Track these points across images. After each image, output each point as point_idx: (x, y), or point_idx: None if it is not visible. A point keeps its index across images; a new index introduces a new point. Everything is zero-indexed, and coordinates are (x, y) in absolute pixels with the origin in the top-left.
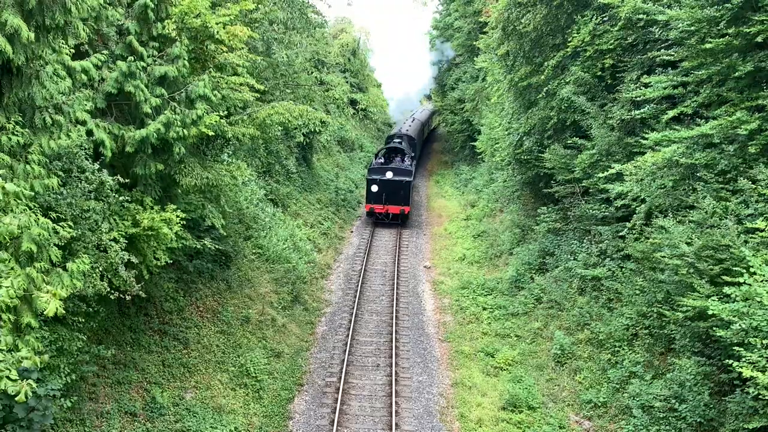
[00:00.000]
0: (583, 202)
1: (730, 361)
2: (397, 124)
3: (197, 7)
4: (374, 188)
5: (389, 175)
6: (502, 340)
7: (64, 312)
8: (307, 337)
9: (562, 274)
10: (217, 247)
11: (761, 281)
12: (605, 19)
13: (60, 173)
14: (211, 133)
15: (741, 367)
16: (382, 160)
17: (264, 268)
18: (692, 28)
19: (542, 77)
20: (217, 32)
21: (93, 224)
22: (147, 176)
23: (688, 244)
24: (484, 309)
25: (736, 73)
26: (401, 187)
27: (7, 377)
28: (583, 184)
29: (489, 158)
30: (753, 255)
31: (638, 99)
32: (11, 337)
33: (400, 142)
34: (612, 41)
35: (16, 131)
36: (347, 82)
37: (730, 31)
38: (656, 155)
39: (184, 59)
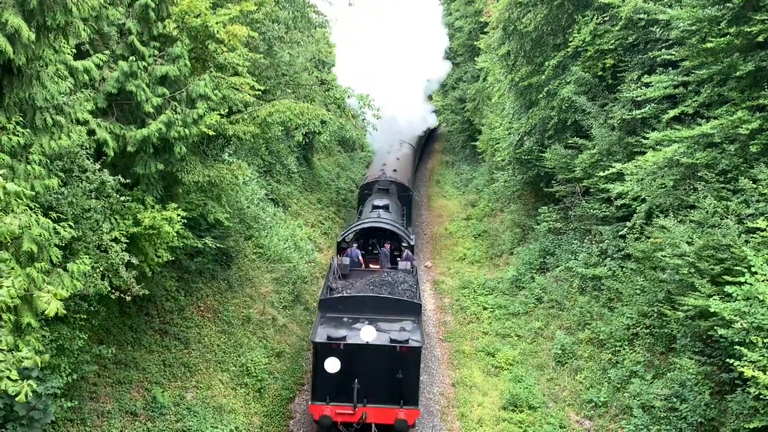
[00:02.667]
0: (584, 201)
1: (731, 360)
2: (378, 155)
3: (197, 6)
4: (332, 366)
5: (368, 334)
6: (503, 340)
7: (65, 312)
8: (307, 337)
9: (562, 274)
10: (218, 246)
11: (762, 280)
12: (606, 18)
13: (60, 173)
14: (211, 133)
15: (742, 367)
16: (352, 261)
17: (265, 268)
18: (693, 27)
19: (543, 77)
20: (218, 31)
21: (94, 224)
22: (149, 176)
23: (688, 243)
24: (485, 308)
25: (737, 73)
26: (398, 363)
27: (8, 377)
28: (584, 184)
29: (489, 158)
30: (754, 254)
31: (639, 99)
32: (12, 337)
33: (386, 206)
34: (613, 41)
35: (17, 131)
36: None
37: (731, 30)
38: (657, 155)
39: (185, 59)
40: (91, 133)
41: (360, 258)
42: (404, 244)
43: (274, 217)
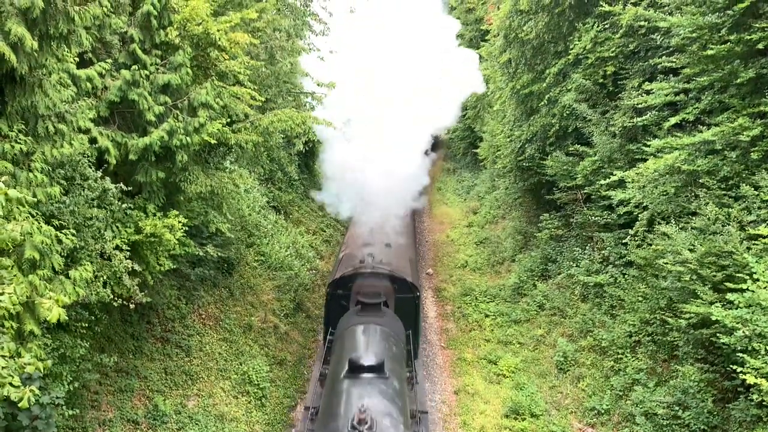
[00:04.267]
0: (585, 208)
1: (735, 367)
2: (357, 221)
3: (199, 14)
4: None
5: None
6: (505, 347)
7: (66, 319)
8: (309, 345)
9: (564, 281)
10: (219, 254)
11: (764, 287)
12: (607, 26)
13: (62, 181)
14: (213, 141)
15: (745, 374)
16: None
17: (266, 276)
18: (694, 34)
19: (544, 85)
20: (219, 39)
21: (96, 232)
22: (150, 184)
23: (690, 250)
24: (487, 316)
25: (738, 80)
26: None
27: (10, 384)
28: (585, 191)
29: (491, 165)
30: (756, 261)
31: (640, 106)
32: (14, 344)
33: (378, 367)
34: (613, 48)
35: (19, 139)
36: None
37: (731, 37)
38: (658, 162)
39: (187, 67)
40: (92, 141)
41: None
42: None
43: (275, 224)
